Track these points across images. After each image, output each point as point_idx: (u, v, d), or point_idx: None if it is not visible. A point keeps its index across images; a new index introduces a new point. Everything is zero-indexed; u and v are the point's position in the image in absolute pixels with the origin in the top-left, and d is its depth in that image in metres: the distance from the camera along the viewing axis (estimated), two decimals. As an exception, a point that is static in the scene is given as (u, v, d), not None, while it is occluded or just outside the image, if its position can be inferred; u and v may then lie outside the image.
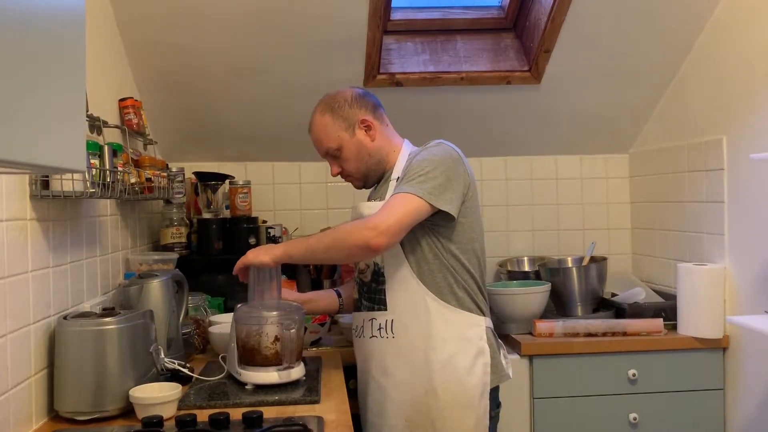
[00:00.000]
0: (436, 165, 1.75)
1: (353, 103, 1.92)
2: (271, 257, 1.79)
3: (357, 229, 1.69)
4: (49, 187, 1.56)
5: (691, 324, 2.41)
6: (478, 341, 1.81)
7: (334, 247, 1.74)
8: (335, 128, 1.90)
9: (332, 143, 1.91)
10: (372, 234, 1.66)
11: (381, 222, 1.67)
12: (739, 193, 2.34)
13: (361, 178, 1.96)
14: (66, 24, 1.02)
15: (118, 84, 2.33)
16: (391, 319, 1.83)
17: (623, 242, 3.14)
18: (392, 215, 1.68)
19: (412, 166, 1.78)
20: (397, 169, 1.90)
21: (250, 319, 1.79)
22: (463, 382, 1.77)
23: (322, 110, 1.94)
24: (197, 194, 2.82)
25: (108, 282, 2.07)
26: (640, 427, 2.41)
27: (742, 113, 2.31)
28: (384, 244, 1.67)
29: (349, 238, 1.70)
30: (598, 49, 2.60)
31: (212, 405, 1.63)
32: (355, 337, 1.95)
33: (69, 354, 1.57)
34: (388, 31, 2.72)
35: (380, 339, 1.84)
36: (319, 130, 1.93)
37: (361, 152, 1.91)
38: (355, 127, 1.90)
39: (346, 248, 1.73)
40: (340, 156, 1.92)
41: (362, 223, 1.70)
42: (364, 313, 1.90)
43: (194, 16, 2.32)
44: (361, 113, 1.91)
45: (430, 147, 1.83)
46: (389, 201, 1.74)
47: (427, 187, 1.71)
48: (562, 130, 2.99)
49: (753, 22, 2.26)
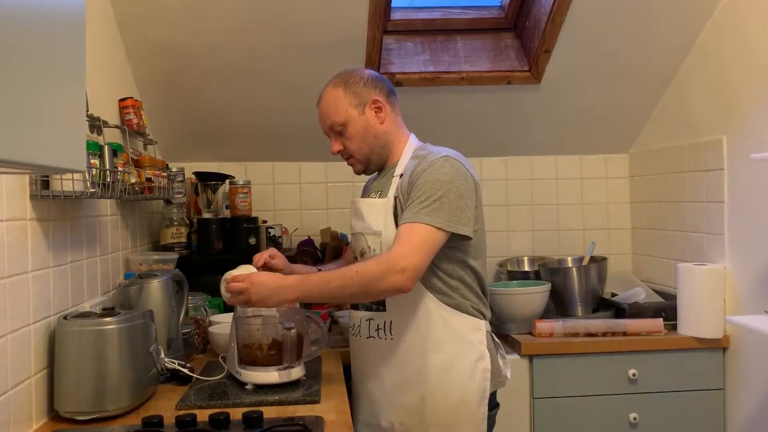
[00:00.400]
0: (448, 187, 1.70)
1: (368, 82, 1.86)
2: (278, 304, 1.72)
3: (385, 274, 1.63)
4: (49, 187, 1.56)
5: (691, 324, 2.40)
6: (478, 345, 1.78)
7: (361, 294, 1.70)
8: (345, 103, 1.84)
9: (339, 117, 1.84)
10: (402, 278, 1.62)
11: (408, 264, 1.62)
12: (739, 193, 2.34)
13: (363, 161, 1.89)
14: (66, 24, 1.02)
15: (118, 84, 2.33)
16: (390, 321, 1.80)
17: (623, 242, 3.14)
18: (417, 254, 1.64)
19: (423, 186, 1.71)
20: (401, 164, 1.84)
21: (250, 319, 1.79)
22: (462, 388, 1.75)
23: (335, 83, 1.87)
24: (197, 194, 2.82)
25: (108, 282, 2.07)
26: (640, 427, 2.40)
27: (742, 113, 2.31)
28: (413, 286, 1.65)
29: (379, 285, 1.64)
30: (598, 49, 2.60)
31: (212, 405, 1.63)
32: (352, 335, 1.93)
33: (69, 354, 1.57)
34: (388, 31, 2.72)
35: (378, 340, 1.82)
36: (328, 102, 1.86)
37: (368, 132, 1.84)
38: (366, 106, 1.84)
39: (374, 294, 1.71)
40: (345, 133, 1.85)
41: (388, 265, 1.63)
42: (361, 312, 1.87)
43: (194, 16, 2.32)
44: (375, 93, 1.85)
45: (437, 164, 1.74)
46: (410, 234, 1.66)
47: (444, 216, 1.67)
48: (562, 130, 2.99)
49: (753, 22, 2.26)
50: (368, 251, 1.83)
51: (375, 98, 1.85)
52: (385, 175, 1.90)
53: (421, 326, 1.76)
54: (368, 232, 1.84)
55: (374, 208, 1.84)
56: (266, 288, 1.67)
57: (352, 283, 1.66)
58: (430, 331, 1.76)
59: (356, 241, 1.90)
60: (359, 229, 1.88)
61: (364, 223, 1.86)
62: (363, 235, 1.86)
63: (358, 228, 1.89)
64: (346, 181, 3.04)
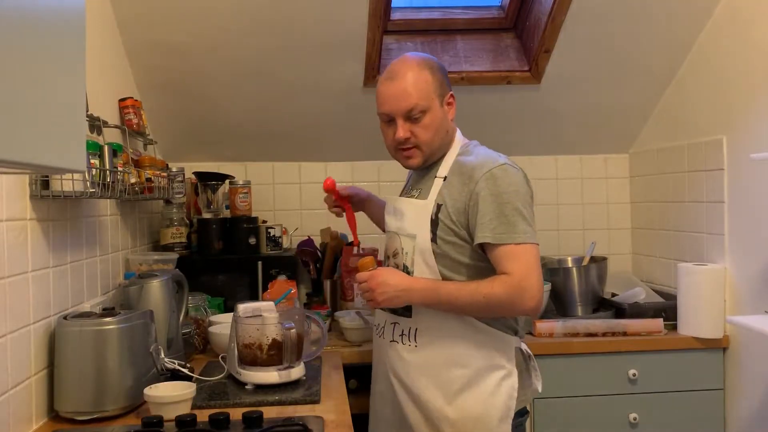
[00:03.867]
0: (522, 198, 1.65)
1: (445, 74, 1.77)
2: (404, 305, 1.72)
3: (518, 301, 1.61)
4: (49, 187, 1.55)
5: (691, 324, 2.40)
6: (506, 363, 1.72)
7: (489, 314, 1.68)
8: (432, 88, 1.71)
9: (423, 101, 1.69)
10: (535, 303, 1.62)
11: (537, 289, 1.62)
12: (739, 193, 2.34)
13: (427, 154, 1.76)
14: (66, 24, 1.02)
15: (118, 84, 2.33)
16: (416, 328, 1.73)
17: (623, 242, 3.14)
18: (537, 277, 1.62)
19: (501, 201, 1.63)
20: (445, 165, 1.76)
21: (250, 319, 1.79)
22: (486, 405, 1.69)
23: (421, 65, 1.72)
24: (197, 194, 2.82)
25: (108, 282, 2.07)
26: (640, 427, 2.40)
27: (742, 113, 2.31)
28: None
29: (514, 310, 1.66)
30: (598, 49, 2.60)
31: (212, 405, 1.63)
32: (376, 335, 1.88)
33: (69, 354, 1.57)
34: (388, 31, 2.72)
35: (401, 345, 1.76)
36: (413, 82, 1.69)
37: (442, 126, 1.74)
38: (445, 98, 1.75)
39: (503, 316, 1.71)
40: (421, 120, 1.70)
41: (519, 291, 1.61)
42: (387, 314, 1.81)
43: (194, 16, 2.32)
44: (449, 88, 1.77)
45: (499, 175, 1.65)
46: (525, 255, 1.62)
47: (531, 230, 1.64)
48: (562, 130, 2.99)
49: (753, 22, 2.26)
50: (401, 253, 1.77)
51: (451, 93, 1.78)
52: (426, 174, 1.81)
53: (447, 338, 1.70)
54: (403, 233, 1.78)
55: (413, 208, 1.77)
56: (393, 289, 1.68)
57: (480, 305, 1.63)
58: (456, 344, 1.70)
59: (390, 239, 1.85)
60: (395, 228, 1.82)
61: (401, 223, 1.80)
62: (398, 236, 1.80)
63: (394, 227, 1.83)
64: (346, 181, 3.04)
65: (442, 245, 1.71)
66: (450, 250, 1.70)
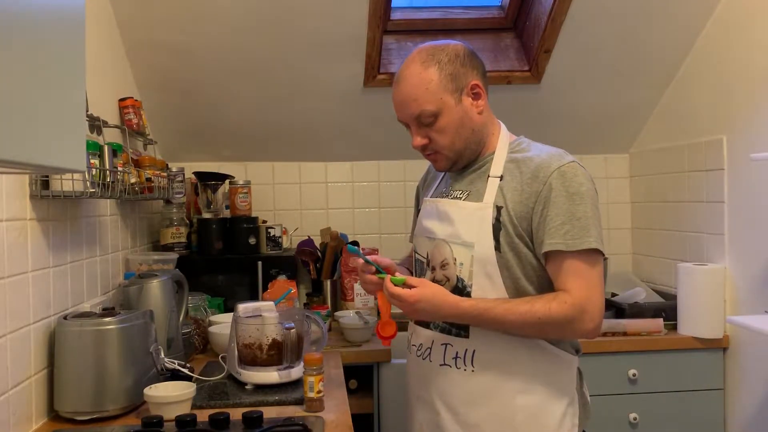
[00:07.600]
0: (594, 200, 1.50)
1: (466, 60, 1.53)
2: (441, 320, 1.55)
3: (577, 324, 1.45)
4: (49, 187, 1.56)
5: (691, 324, 2.40)
6: (569, 386, 1.55)
7: (541, 336, 1.51)
8: (439, 88, 1.50)
9: (430, 105, 1.50)
10: (594, 326, 1.46)
11: (599, 311, 1.46)
12: (739, 193, 2.34)
13: (453, 157, 1.57)
14: (66, 24, 1.02)
15: (118, 84, 2.33)
16: (473, 350, 1.52)
17: (623, 242, 3.14)
18: (599, 296, 1.47)
19: (573, 202, 1.46)
20: (497, 163, 1.55)
21: (250, 319, 1.79)
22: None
23: (425, 61, 1.51)
24: (197, 194, 2.82)
25: (108, 282, 2.07)
26: (640, 427, 2.40)
27: (742, 113, 2.31)
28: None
29: (571, 333, 1.49)
30: (598, 49, 2.60)
31: (212, 405, 1.63)
32: (416, 356, 1.63)
33: (69, 354, 1.57)
34: (388, 31, 2.72)
35: (455, 370, 1.54)
36: (416, 84, 1.50)
37: (464, 125, 1.53)
38: (463, 92, 1.52)
39: (558, 338, 1.53)
40: (435, 124, 1.52)
41: (579, 313, 1.44)
42: (434, 333, 1.57)
43: (194, 16, 2.32)
44: (473, 75, 1.53)
45: (570, 174, 1.49)
46: (588, 272, 1.47)
47: (597, 238, 1.49)
48: (562, 130, 2.99)
49: (753, 21, 2.26)
50: (452, 264, 1.54)
51: (474, 82, 1.53)
52: (473, 173, 1.59)
53: (508, 360, 1.51)
54: (456, 241, 1.54)
55: (466, 212, 1.55)
56: (432, 304, 1.46)
57: (533, 327, 1.46)
58: (520, 368, 1.51)
59: (437, 248, 1.59)
60: (444, 235, 1.57)
61: (453, 228, 1.55)
62: (448, 244, 1.56)
63: (442, 234, 1.57)
64: (346, 181, 3.05)
65: (507, 254, 1.50)
66: (514, 260, 1.50)
